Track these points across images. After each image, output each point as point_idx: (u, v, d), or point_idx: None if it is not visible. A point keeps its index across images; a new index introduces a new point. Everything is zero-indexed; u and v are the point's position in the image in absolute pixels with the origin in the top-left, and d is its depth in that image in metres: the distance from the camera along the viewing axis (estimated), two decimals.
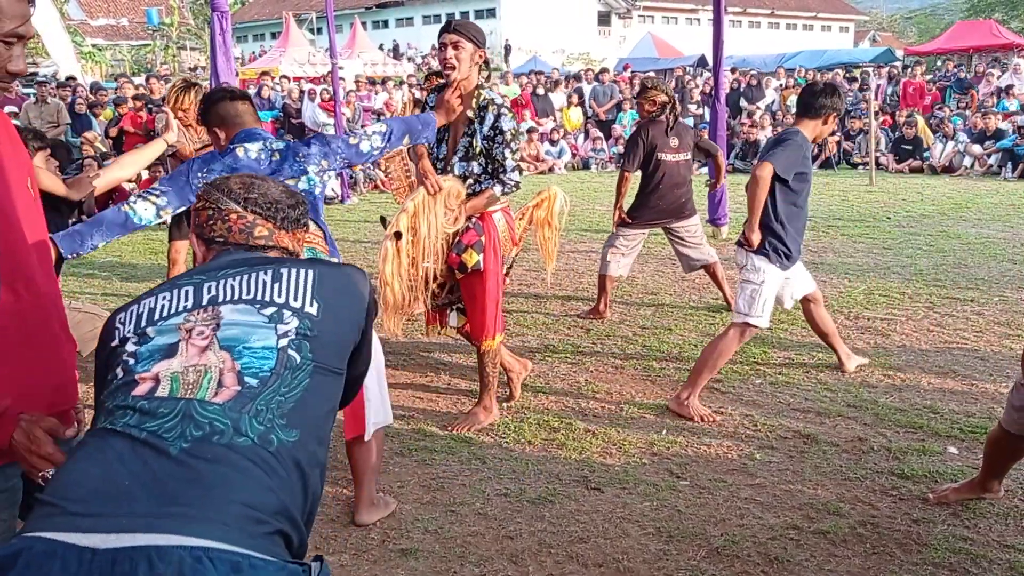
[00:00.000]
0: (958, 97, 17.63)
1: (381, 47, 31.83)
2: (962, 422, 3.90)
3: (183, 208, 2.82)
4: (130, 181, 11.23)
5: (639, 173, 5.70)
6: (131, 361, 1.49)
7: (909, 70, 18.91)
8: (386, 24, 46.80)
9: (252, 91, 17.65)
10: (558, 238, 5.12)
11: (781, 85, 18.37)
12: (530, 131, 15.74)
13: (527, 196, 12.55)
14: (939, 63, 22.77)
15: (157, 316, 1.54)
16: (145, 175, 10.99)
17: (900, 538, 2.94)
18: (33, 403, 1.67)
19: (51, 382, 1.77)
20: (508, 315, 5.88)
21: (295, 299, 1.54)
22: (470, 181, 3.77)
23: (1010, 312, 5.62)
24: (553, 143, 15.86)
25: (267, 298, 1.53)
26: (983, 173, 13.34)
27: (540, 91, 17.70)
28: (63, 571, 1.21)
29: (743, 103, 17.37)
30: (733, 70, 19.95)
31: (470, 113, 3.70)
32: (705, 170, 10.24)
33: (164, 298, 1.57)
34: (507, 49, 37.14)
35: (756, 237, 4.04)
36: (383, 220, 3.72)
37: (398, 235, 3.60)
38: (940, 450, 3.62)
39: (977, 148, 13.69)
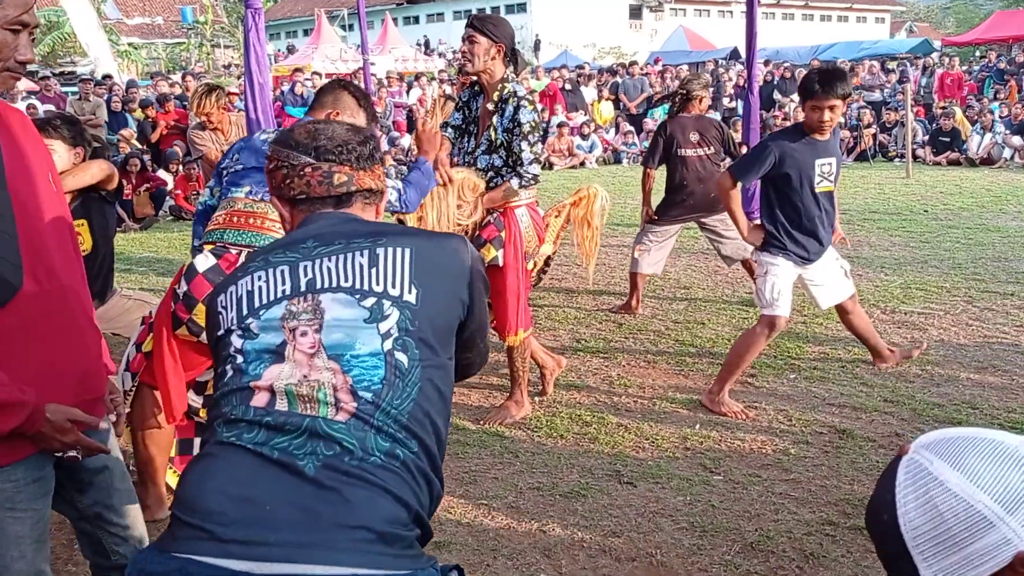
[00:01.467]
0: (997, 88, 17.31)
1: (417, 44, 31.95)
2: (1002, 417, 3.83)
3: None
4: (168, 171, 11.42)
5: (664, 170, 5.71)
6: (239, 360, 1.47)
7: (948, 60, 18.58)
8: (417, 20, 46.93)
9: (286, 87, 17.81)
10: (598, 237, 5.09)
11: None
12: (560, 125, 15.71)
13: (560, 191, 12.55)
14: (978, 53, 22.34)
15: (257, 303, 1.50)
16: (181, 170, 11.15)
17: None
18: (59, 393, 1.70)
19: (77, 371, 1.79)
20: (539, 310, 5.89)
21: (393, 286, 1.49)
22: (491, 174, 3.77)
23: None
24: (584, 137, 15.82)
25: (366, 286, 1.48)
26: (1023, 165, 13.10)
27: (569, 86, 17.65)
28: None
29: (776, 96, 17.19)
30: (766, 63, 19.75)
31: (490, 106, 3.71)
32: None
33: (260, 279, 1.52)
34: (537, 44, 37.09)
35: (752, 237, 4.12)
36: None
37: (400, 223, 3.62)
38: None
39: (1017, 140, 13.43)
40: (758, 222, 4.22)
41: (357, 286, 1.49)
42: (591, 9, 40.36)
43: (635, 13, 44.59)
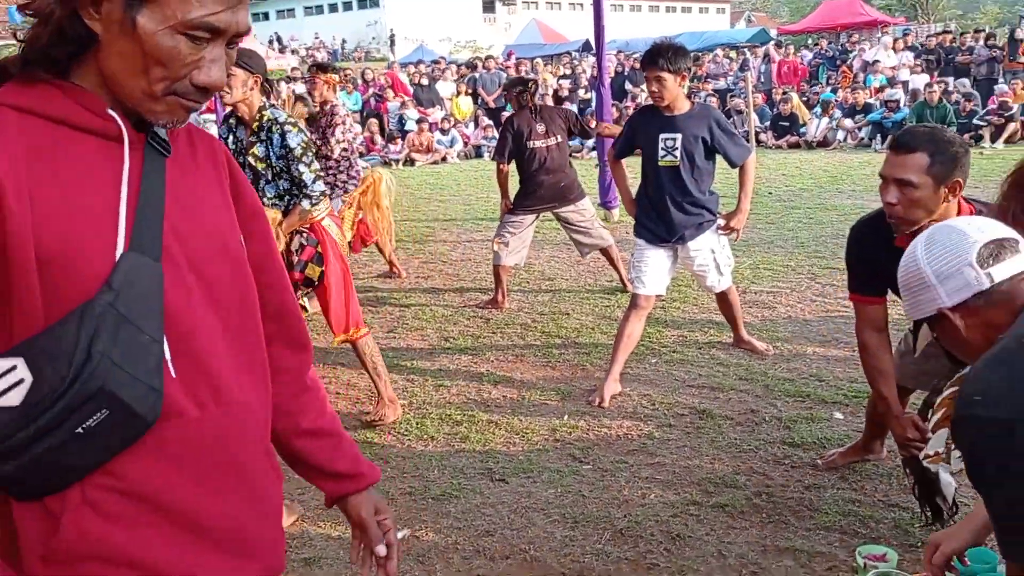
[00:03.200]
0: (830, 74, 18.40)
1: (269, 41, 31.02)
2: (846, 388, 4.08)
3: None
4: None
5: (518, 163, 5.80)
6: None
7: (784, 49, 19.61)
8: (267, 16, 45.61)
9: None
10: (390, 216, 5.68)
11: None
12: (420, 121, 15.65)
13: (423, 187, 12.41)
14: (810, 41, 23.68)
15: None
16: None
17: (794, 505, 3.05)
18: (225, 562, 1.19)
19: (254, 531, 1.24)
20: (406, 309, 5.84)
21: None
22: (287, 198, 3.78)
23: None
24: (444, 132, 15.79)
25: None
26: (856, 146, 13.98)
27: (426, 81, 17.58)
28: None
29: (628, 86, 17.67)
30: (618, 54, 20.29)
31: (253, 137, 3.72)
32: (595, 153, 10.38)
33: None
34: (392, 38, 36.70)
35: (632, 212, 4.40)
36: None
37: None
38: (827, 417, 3.78)
39: (849, 122, 14.32)
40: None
41: None
42: (445, 3, 40.33)
43: (488, 7, 44.90)
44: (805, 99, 15.66)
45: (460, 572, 2.75)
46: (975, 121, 13.36)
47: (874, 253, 2.70)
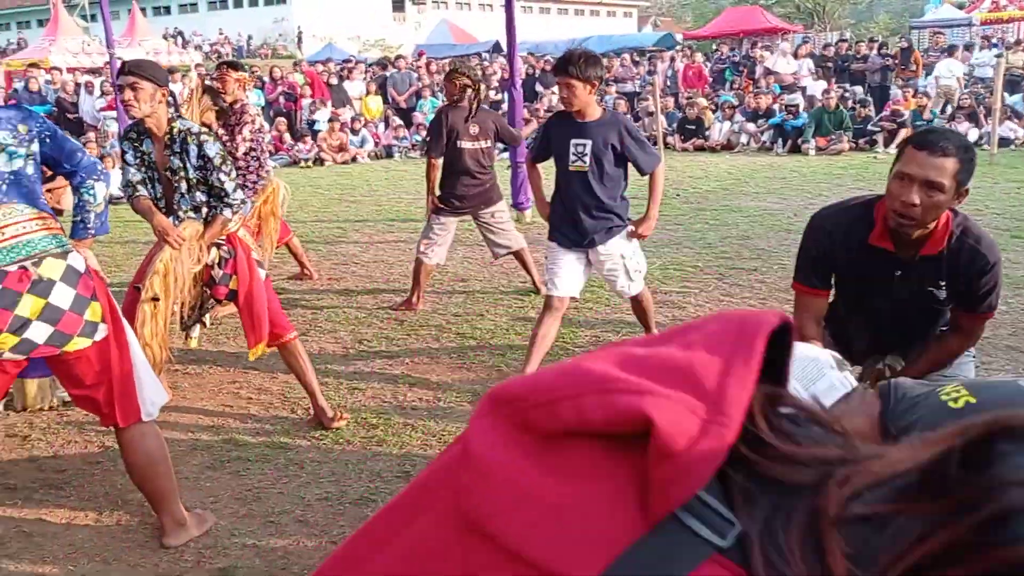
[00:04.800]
0: (735, 78, 18.97)
1: (165, 36, 30.07)
2: None
3: None
4: None
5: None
6: None
7: (689, 53, 20.11)
8: (168, 10, 44.21)
9: (19, 84, 16.17)
10: (278, 226, 5.89)
11: None
12: (331, 121, 15.44)
13: (334, 187, 12.23)
14: (714, 47, 24.36)
15: None
16: None
17: None
18: None
19: None
20: (319, 312, 5.76)
21: None
22: (204, 210, 3.73)
23: (789, 278, 6.09)
24: (355, 132, 15.61)
25: None
26: (758, 149, 14.45)
27: (335, 80, 17.35)
28: None
29: (539, 88, 17.82)
30: (528, 56, 20.43)
31: (166, 151, 3.65)
32: (507, 155, 10.43)
33: None
34: (300, 36, 36.08)
35: (544, 214, 4.48)
36: (137, 290, 3.74)
37: (155, 299, 3.62)
38: None
39: (751, 126, 14.80)
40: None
41: None
42: (354, 1, 39.86)
43: (398, 6, 44.58)
44: (712, 104, 16.09)
45: None
46: (869, 127, 13.99)
47: (841, 247, 2.61)
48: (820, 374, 1.55)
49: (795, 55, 17.83)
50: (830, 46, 19.54)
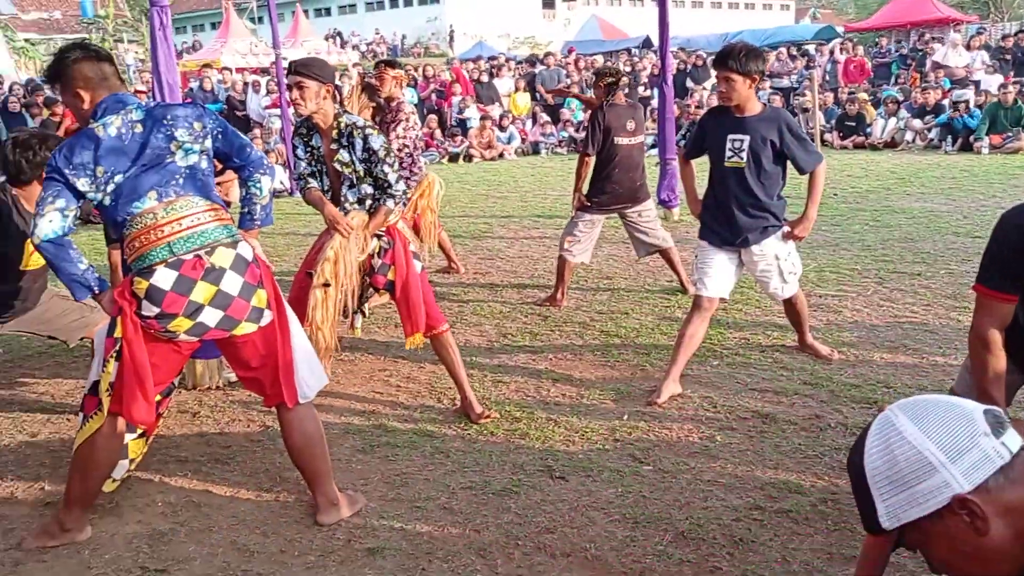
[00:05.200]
0: (901, 72, 17.96)
1: (326, 36, 31.42)
2: (914, 395, 3.97)
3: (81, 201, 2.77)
4: None
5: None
6: None
7: (851, 46, 19.19)
8: (328, 12, 46.17)
9: (195, 84, 17.29)
10: (437, 219, 6.14)
11: None
12: (482, 119, 15.73)
13: (480, 184, 12.50)
14: (878, 39, 23.14)
15: None
16: None
17: None
18: None
19: None
20: (464, 305, 5.87)
21: None
22: (368, 202, 3.87)
23: (956, 284, 5.75)
24: (502, 129, 15.82)
25: None
26: (924, 147, 13.63)
27: (486, 77, 17.62)
28: None
29: (689, 83, 17.49)
30: (679, 51, 20.08)
31: (333, 145, 3.78)
32: (655, 151, 10.29)
33: None
34: (451, 35, 36.83)
35: (696, 212, 4.40)
36: (309, 275, 3.92)
37: (327, 284, 3.79)
38: None
39: (917, 123, 13.97)
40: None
41: None
42: None
43: (548, 3, 44.79)
44: (874, 99, 15.31)
45: (521, 568, 2.76)
46: None
47: None
48: (972, 443, 1.30)
49: (967, 47, 16.68)
50: (1009, 37, 18.18)
